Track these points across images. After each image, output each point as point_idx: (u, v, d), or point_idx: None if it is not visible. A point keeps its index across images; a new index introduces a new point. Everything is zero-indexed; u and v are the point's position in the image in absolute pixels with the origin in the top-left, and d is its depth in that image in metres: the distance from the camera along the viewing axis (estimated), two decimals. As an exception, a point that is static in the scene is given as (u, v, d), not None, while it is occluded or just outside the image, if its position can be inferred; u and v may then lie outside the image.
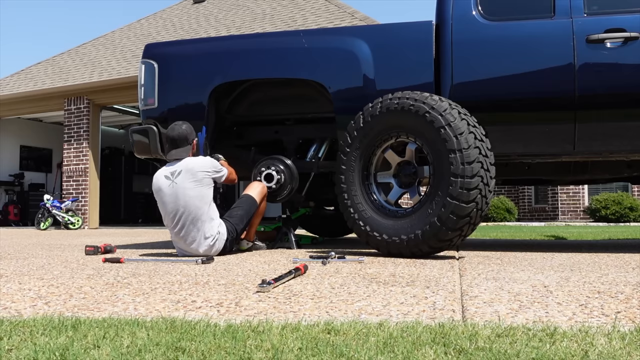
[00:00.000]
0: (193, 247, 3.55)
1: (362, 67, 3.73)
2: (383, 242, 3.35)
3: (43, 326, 1.49)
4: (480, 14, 3.67)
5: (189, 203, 3.51)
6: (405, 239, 3.25)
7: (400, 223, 3.32)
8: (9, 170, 13.10)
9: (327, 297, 1.95)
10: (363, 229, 3.44)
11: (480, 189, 3.13)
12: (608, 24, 3.45)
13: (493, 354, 1.21)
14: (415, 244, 3.23)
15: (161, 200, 3.59)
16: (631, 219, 13.27)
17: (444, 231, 3.14)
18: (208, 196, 3.59)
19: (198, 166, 3.58)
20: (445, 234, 3.15)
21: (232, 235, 3.67)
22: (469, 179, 3.09)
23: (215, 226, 3.58)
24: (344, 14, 10.20)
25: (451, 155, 3.14)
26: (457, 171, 3.11)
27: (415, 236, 3.21)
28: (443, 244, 3.21)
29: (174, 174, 3.57)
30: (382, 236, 3.35)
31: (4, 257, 3.73)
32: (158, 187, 3.60)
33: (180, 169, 3.57)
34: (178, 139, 3.63)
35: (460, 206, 3.09)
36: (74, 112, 11.06)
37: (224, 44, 4.50)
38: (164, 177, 3.60)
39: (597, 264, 2.98)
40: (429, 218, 3.18)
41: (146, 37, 12.61)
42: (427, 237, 3.18)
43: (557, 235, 6.85)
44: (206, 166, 3.60)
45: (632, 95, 3.42)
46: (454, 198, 3.10)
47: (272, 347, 1.28)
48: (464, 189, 3.09)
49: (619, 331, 1.39)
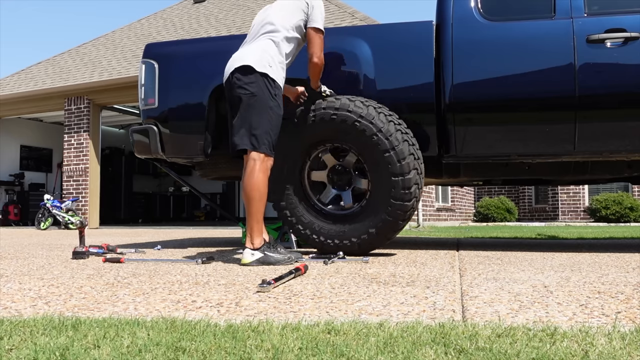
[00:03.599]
0: None
1: (362, 67, 3.73)
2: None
3: (43, 326, 1.49)
4: (481, 14, 3.67)
5: None
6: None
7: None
8: (9, 170, 13.10)
9: (327, 297, 1.95)
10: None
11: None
12: (608, 24, 3.45)
13: (493, 354, 1.21)
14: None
15: None
16: (631, 219, 13.28)
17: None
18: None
19: None
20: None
21: None
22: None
23: None
24: (344, 14, 10.20)
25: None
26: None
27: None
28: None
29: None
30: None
31: (4, 257, 3.73)
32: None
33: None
34: None
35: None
36: (74, 112, 11.06)
37: (225, 43, 4.50)
38: None
39: (598, 264, 2.98)
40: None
41: (146, 37, 12.61)
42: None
43: (551, 235, 6.85)
44: None
45: (633, 95, 3.42)
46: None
47: (272, 347, 1.28)
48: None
49: (619, 331, 1.39)
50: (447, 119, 3.64)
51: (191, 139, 3.97)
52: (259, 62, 3.12)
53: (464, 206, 15.73)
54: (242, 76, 3.10)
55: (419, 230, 9.08)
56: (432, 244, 4.87)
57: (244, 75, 3.10)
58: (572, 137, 3.51)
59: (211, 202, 5.48)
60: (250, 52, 3.17)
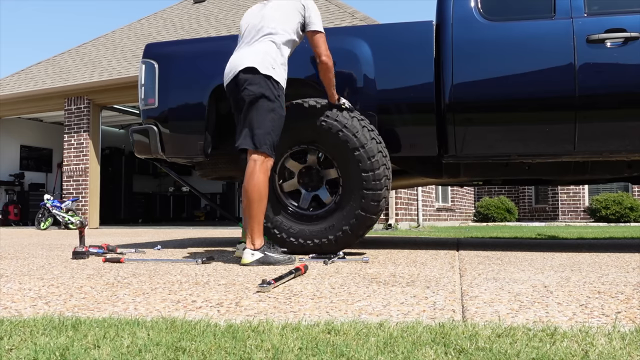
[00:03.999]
0: None
1: (362, 67, 3.73)
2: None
3: (43, 326, 1.49)
4: (481, 14, 3.67)
5: None
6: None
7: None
8: (9, 170, 13.10)
9: (327, 297, 1.95)
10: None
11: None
12: (608, 24, 3.45)
13: (493, 354, 1.21)
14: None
15: None
16: (631, 219, 13.28)
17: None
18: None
19: None
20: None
21: None
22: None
23: None
24: (344, 14, 10.19)
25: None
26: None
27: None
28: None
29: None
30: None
31: (4, 257, 3.73)
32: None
33: None
34: None
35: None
36: (74, 112, 11.06)
37: (225, 43, 4.49)
38: None
39: (598, 264, 2.98)
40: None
41: (146, 37, 12.61)
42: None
43: (551, 235, 6.85)
44: None
45: (633, 95, 3.42)
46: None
47: (272, 347, 1.28)
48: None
49: (619, 331, 1.39)
50: (447, 119, 3.64)
51: (191, 139, 3.97)
52: (262, 64, 3.12)
53: (464, 206, 15.74)
54: (247, 77, 3.10)
55: (419, 230, 9.08)
56: (432, 244, 4.87)
57: (248, 77, 3.10)
58: (572, 137, 3.51)
59: (211, 202, 5.48)
60: (252, 54, 3.17)
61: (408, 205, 10.00)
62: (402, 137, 3.75)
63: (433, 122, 3.66)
